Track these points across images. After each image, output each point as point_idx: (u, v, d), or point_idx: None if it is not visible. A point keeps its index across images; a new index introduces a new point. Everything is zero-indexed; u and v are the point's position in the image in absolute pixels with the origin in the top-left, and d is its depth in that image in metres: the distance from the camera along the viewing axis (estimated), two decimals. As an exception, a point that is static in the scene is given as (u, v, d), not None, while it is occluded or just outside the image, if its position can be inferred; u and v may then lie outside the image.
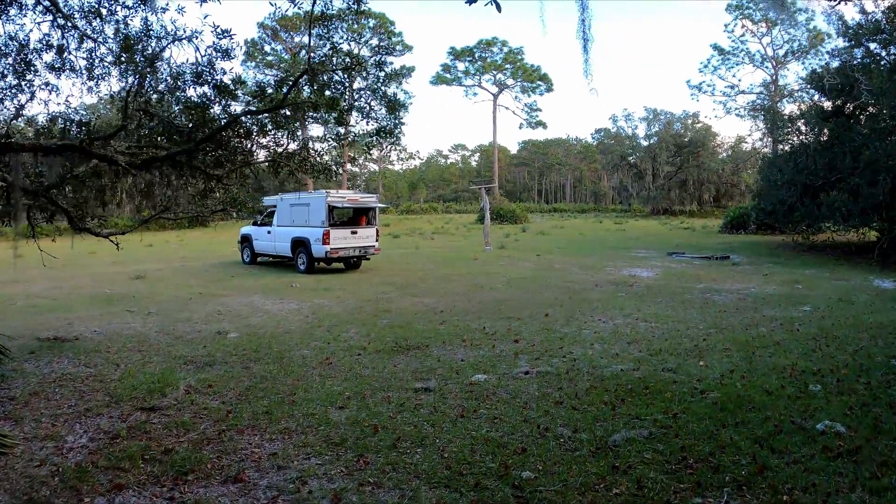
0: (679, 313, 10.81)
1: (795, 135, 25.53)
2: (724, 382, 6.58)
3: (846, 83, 20.44)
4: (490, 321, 10.09)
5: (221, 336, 9.20)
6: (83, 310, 11.84)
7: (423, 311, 11.08)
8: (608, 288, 14.05)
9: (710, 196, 63.38)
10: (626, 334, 9.09)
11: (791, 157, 23.25)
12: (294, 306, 11.83)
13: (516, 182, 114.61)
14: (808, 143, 23.19)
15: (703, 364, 7.34)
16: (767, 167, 26.58)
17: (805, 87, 44.34)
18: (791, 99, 49.36)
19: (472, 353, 7.89)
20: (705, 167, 61.77)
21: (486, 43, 63.60)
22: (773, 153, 32.51)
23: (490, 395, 6.16)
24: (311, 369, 7.20)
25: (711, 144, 65.07)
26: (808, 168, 21.22)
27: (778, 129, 27.42)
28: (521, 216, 51.43)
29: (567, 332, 9.18)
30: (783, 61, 54.15)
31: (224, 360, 7.79)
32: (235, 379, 6.90)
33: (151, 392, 6.49)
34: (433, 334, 9.05)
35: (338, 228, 17.48)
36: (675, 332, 9.27)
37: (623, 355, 7.81)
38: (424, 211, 72.17)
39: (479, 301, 12.22)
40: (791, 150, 24.45)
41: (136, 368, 7.49)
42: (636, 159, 68.58)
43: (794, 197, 21.65)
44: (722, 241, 29.77)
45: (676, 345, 8.36)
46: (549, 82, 66.38)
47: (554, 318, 10.30)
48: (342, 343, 8.60)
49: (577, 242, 30.00)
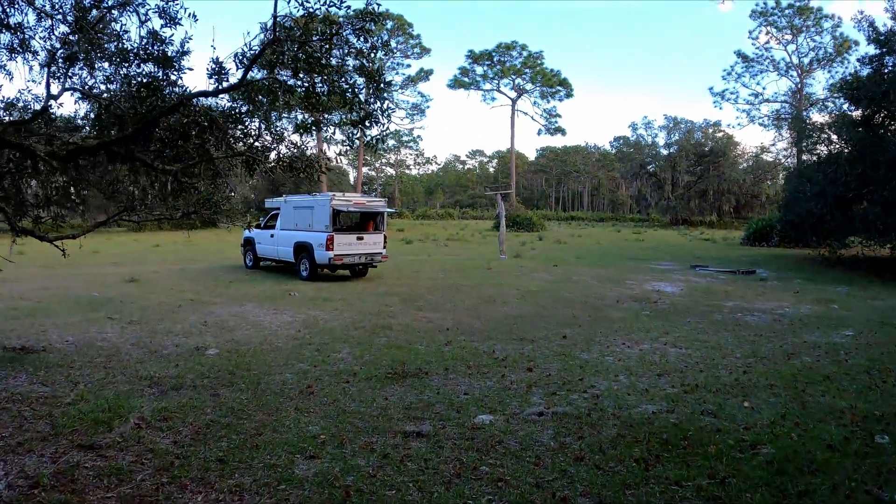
0: (711, 337, 9.72)
1: (824, 144, 24.37)
2: (775, 432, 5.49)
3: (877, 91, 19.31)
4: (501, 343, 9.02)
5: (199, 353, 8.23)
6: (64, 315, 10.96)
7: (426, 329, 10.04)
8: (630, 305, 12.94)
9: (730, 207, 62.16)
10: (655, 363, 8.00)
11: (820, 167, 22.07)
12: (287, 318, 10.83)
13: (534, 189, 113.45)
14: (837, 152, 22.00)
15: (749, 405, 6.26)
16: (795, 178, 25.41)
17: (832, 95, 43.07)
18: (818, 108, 47.98)
19: (478, 385, 6.82)
20: (726, 177, 60.38)
21: (506, 46, 62.54)
22: (799, 163, 31.32)
23: (495, 445, 5.09)
24: (288, 400, 6.18)
25: (732, 154, 63.62)
26: (838, 179, 20.03)
27: (805, 139, 26.22)
28: (538, 224, 50.31)
29: (587, 359, 8.09)
30: (808, 69, 52.54)
31: (193, 383, 6.80)
32: (198, 410, 5.90)
33: (97, 424, 5.52)
34: (435, 358, 8.00)
35: (343, 233, 16.47)
36: (710, 361, 8.18)
37: (654, 391, 6.72)
38: (440, 216, 71.30)
39: (490, 317, 11.15)
40: (819, 160, 23.28)
41: (92, 391, 6.55)
42: (656, 168, 67.31)
43: (824, 209, 20.46)
44: (745, 253, 28.71)
45: (714, 378, 7.27)
46: (568, 87, 65.17)
47: (572, 341, 9.21)
48: (331, 366, 7.57)
49: (595, 252, 28.86)
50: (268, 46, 4.67)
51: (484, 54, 63.17)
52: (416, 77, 56.34)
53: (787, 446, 5.15)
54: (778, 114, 54.45)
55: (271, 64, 4.89)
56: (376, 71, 5.10)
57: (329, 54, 4.90)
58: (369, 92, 5.33)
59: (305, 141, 5.74)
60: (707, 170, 61.99)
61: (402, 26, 53.25)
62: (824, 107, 45.99)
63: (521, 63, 63.51)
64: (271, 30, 4.68)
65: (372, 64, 5.15)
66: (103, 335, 9.34)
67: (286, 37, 4.70)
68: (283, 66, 4.82)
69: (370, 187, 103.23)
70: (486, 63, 63.71)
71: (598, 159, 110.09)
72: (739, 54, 55.23)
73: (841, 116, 24.08)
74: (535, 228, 48.67)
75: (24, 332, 9.57)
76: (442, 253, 28.02)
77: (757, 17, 52.95)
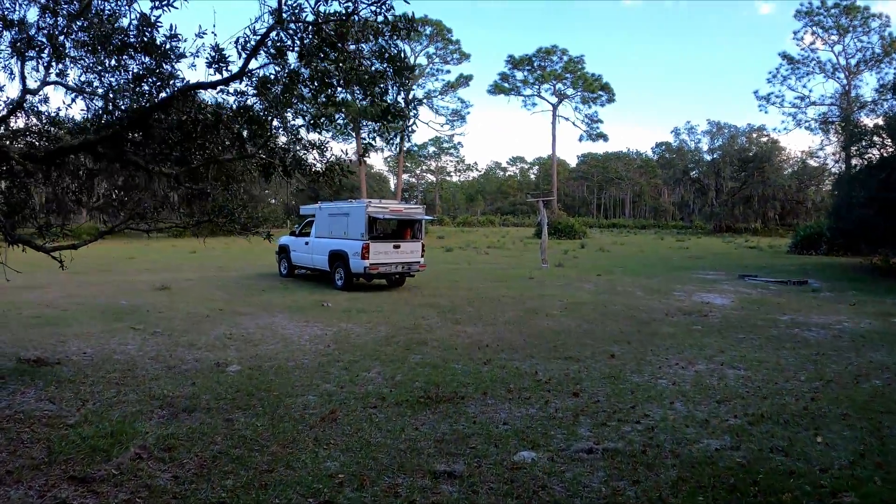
0: (770, 356, 8.83)
1: (876, 148, 22.95)
2: (856, 475, 4.67)
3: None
4: (544, 362, 8.25)
5: (219, 369, 7.69)
6: (87, 324, 10.62)
7: (464, 345, 9.33)
8: (681, 318, 12.01)
9: (775, 213, 60.04)
10: (714, 387, 7.14)
11: (872, 171, 20.74)
12: (317, 332, 10.26)
13: (575, 196, 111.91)
14: (890, 156, 20.64)
15: (822, 441, 5.42)
16: (846, 183, 24.02)
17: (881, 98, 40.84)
18: (867, 110, 45.72)
19: (519, 412, 6.07)
20: (771, 183, 58.30)
21: (546, 51, 61.47)
22: (847, 168, 29.76)
23: (538, 490, 4.34)
24: (307, 429, 5.54)
25: (777, 159, 61.51)
26: (891, 184, 18.80)
27: (855, 142, 24.79)
28: (580, 231, 49.26)
29: (639, 383, 7.27)
30: (856, 71, 50.19)
31: (208, 405, 6.24)
32: (208, 437, 5.31)
33: (96, 452, 4.99)
34: (473, 380, 7.27)
35: (379, 242, 15.87)
36: (773, 384, 7.30)
37: (714, 422, 5.88)
38: (481, 223, 70.66)
39: (532, 332, 10.38)
40: (870, 164, 21.90)
41: (98, 411, 6.06)
42: (699, 174, 65.51)
43: (876, 215, 19.17)
44: (793, 262, 27.43)
45: (780, 406, 6.40)
46: (610, 92, 63.67)
47: (621, 360, 8.39)
48: (358, 387, 6.92)
49: (639, 261, 27.76)
50: (273, 29, 4.04)
51: (524, 59, 62.24)
52: (456, 83, 55.80)
53: (871, 494, 4.35)
54: (825, 117, 52.19)
55: (279, 50, 4.27)
56: (397, 55, 4.42)
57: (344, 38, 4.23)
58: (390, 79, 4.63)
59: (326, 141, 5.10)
60: (751, 175, 60.11)
61: (441, 32, 52.80)
62: (874, 109, 43.82)
63: (562, 68, 62.36)
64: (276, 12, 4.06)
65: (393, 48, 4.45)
66: (123, 347, 8.90)
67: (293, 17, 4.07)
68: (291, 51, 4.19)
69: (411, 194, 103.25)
70: (526, 68, 62.76)
71: (639, 166, 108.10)
72: (784, 56, 53.11)
73: (893, 118, 22.69)
74: (577, 236, 47.74)
75: (43, 342, 9.22)
76: (482, 261, 27.30)
77: (802, 18, 50.87)
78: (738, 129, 64.41)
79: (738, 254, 33.81)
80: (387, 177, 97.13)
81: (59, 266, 6.94)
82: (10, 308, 12.44)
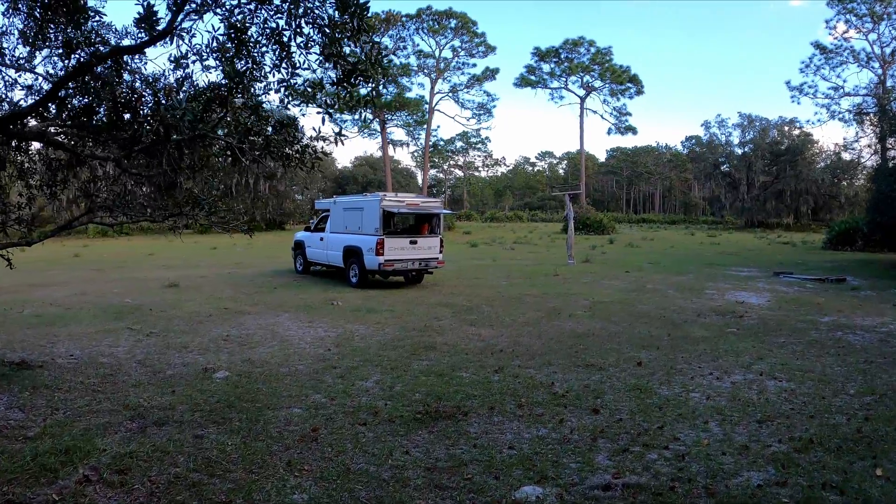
0: (814, 364, 7.93)
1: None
2: None
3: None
4: (562, 370, 7.46)
5: (206, 375, 7.07)
6: (84, 324, 10.16)
7: (476, 350, 8.57)
8: (714, 320, 11.11)
9: (807, 208, 58.22)
10: (753, 402, 6.28)
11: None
12: (320, 333, 9.61)
13: (604, 191, 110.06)
14: None
15: (882, 474, 4.53)
16: (884, 176, 22.64)
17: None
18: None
19: (529, 433, 5.30)
20: (804, 177, 56.40)
21: (573, 43, 60.18)
22: (883, 161, 28.25)
23: (544, 539, 3.59)
24: (282, 450, 4.85)
25: (810, 153, 59.55)
26: None
27: (892, 134, 23.39)
28: (609, 226, 48.10)
29: (668, 397, 6.45)
30: (892, 60, 47.96)
31: (181, 417, 5.60)
32: (170, 457, 4.67)
33: (43, 471, 4.41)
34: (480, 391, 6.52)
35: (394, 237, 15.17)
36: (820, 400, 6.42)
37: (755, 448, 5.04)
38: (509, 219, 69.71)
39: (552, 335, 9.58)
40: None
41: (64, 422, 5.49)
42: (730, 168, 63.71)
43: None
44: (828, 258, 26.18)
45: (830, 428, 5.53)
46: (638, 84, 62.23)
47: (649, 369, 7.56)
48: (351, 399, 6.22)
49: (669, 257, 26.67)
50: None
51: (551, 51, 61.04)
52: (482, 76, 54.96)
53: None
54: (859, 108, 49.99)
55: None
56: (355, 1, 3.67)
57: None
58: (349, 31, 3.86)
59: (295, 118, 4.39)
60: (783, 169, 58.20)
61: (466, 24, 51.96)
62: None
63: (590, 59, 61.03)
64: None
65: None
66: (112, 349, 8.37)
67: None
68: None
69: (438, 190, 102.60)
70: (553, 60, 61.57)
71: (669, 160, 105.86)
72: (817, 45, 51.02)
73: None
74: (605, 231, 46.66)
75: (33, 343, 8.76)
76: (507, 257, 26.51)
77: (834, 5, 48.75)
78: (769, 121, 62.40)
79: (771, 250, 32.69)
80: (414, 172, 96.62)
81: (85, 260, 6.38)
82: (14, 306, 12.09)
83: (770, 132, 62.38)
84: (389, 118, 53.92)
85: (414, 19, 51.34)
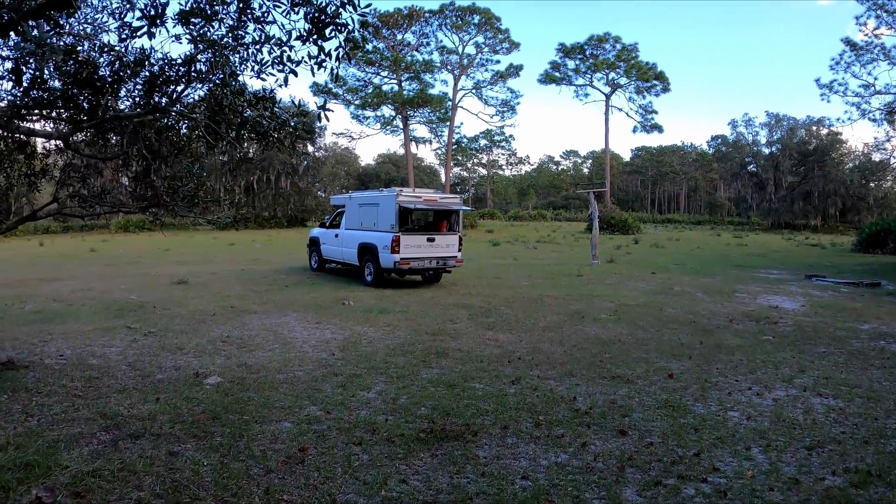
0: (860, 378, 7.19)
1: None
2: None
3: None
4: (585, 382, 6.77)
5: (196, 381, 6.52)
6: (83, 321, 9.73)
7: (492, 357, 7.91)
8: (748, 326, 10.34)
9: (835, 210, 56.73)
10: (799, 424, 5.56)
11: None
12: (327, 335, 9.03)
13: (629, 190, 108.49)
14: None
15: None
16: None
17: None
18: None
19: (545, 459, 4.64)
20: (831, 178, 54.85)
21: (598, 39, 58.99)
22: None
23: None
24: (263, 474, 4.25)
25: (838, 153, 57.97)
26: None
27: None
28: (634, 226, 47.08)
29: (704, 416, 5.74)
30: None
31: (160, 430, 5.05)
32: (136, 479, 4.11)
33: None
34: (494, 406, 5.86)
35: (411, 234, 14.55)
36: (872, 420, 5.71)
37: (807, 483, 4.34)
38: (533, 218, 68.86)
39: (575, 342, 8.89)
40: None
41: (34, 432, 5.02)
42: (756, 168, 62.29)
43: None
44: (860, 261, 25.22)
45: (888, 457, 4.84)
46: (665, 81, 60.80)
47: (681, 383, 6.84)
48: (349, 412, 5.61)
49: (696, 258, 25.75)
50: None
51: (575, 47, 59.92)
52: (506, 73, 54.07)
53: None
54: (890, 107, 48.17)
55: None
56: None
57: None
58: None
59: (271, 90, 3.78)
60: (811, 170, 56.73)
61: (490, 20, 51.16)
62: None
63: (615, 56, 59.80)
64: None
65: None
66: (105, 350, 7.88)
67: None
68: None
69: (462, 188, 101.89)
70: (577, 57, 60.44)
71: (695, 159, 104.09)
72: (847, 42, 49.05)
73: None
74: (630, 231, 45.70)
75: (26, 341, 8.34)
76: (530, 256, 25.79)
77: (864, 1, 46.96)
78: (797, 121, 60.86)
79: (800, 251, 31.79)
80: (437, 169, 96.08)
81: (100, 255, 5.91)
82: (16, 301, 11.75)
83: (798, 132, 61.03)
84: (412, 115, 53.34)
85: (437, 15, 50.70)
